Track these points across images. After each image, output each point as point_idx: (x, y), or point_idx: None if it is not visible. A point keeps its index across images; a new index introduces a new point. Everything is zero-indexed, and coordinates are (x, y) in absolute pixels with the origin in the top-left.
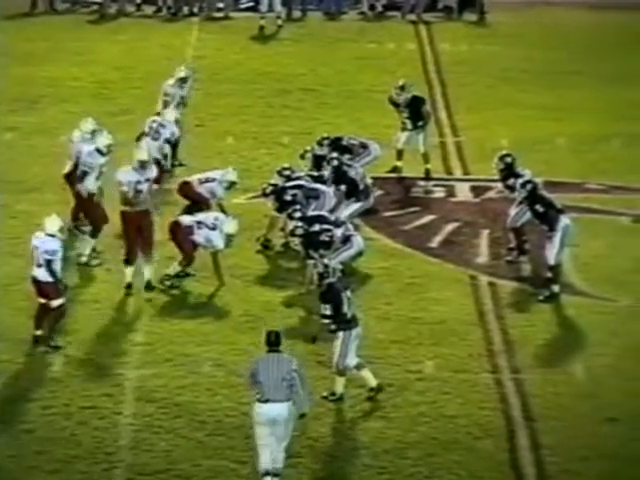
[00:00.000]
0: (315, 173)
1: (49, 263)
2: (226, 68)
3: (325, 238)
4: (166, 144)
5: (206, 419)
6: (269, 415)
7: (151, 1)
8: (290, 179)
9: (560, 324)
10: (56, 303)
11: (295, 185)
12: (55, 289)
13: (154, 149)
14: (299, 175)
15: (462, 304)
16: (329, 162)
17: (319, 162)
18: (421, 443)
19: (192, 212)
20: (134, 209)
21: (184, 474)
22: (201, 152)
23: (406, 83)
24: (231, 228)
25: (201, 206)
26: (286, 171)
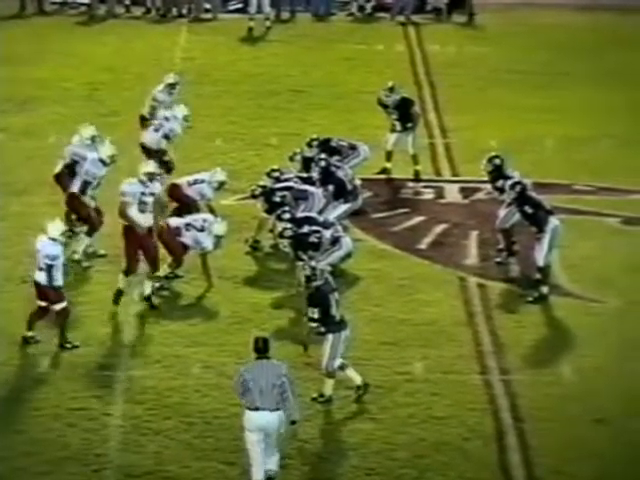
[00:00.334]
0: (304, 175)
1: (50, 268)
2: (215, 69)
3: (314, 239)
4: (164, 139)
5: (195, 420)
6: (259, 423)
7: (140, 3)
8: (279, 181)
9: (549, 325)
10: (59, 307)
11: (284, 187)
12: (56, 293)
13: (153, 141)
14: (288, 177)
15: (451, 305)
16: (317, 163)
17: (308, 164)
18: (410, 444)
19: (181, 214)
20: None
21: (173, 475)
22: (190, 153)
23: (395, 85)
24: (220, 229)
25: (190, 208)
26: (275, 173)
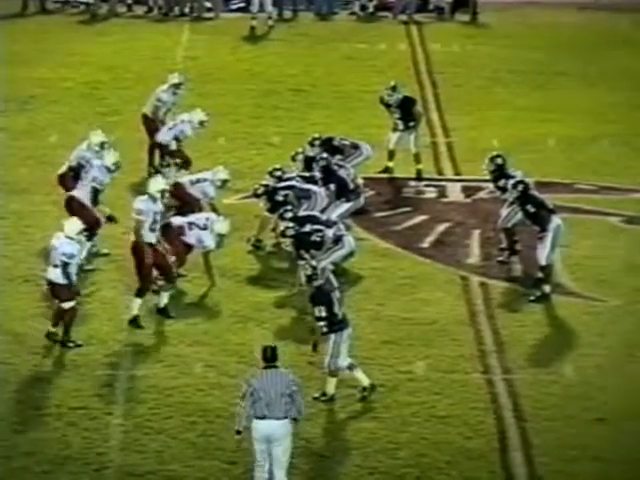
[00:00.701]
0: (306, 174)
1: (65, 266)
2: (217, 68)
3: (316, 238)
4: (173, 140)
5: (197, 420)
6: (265, 432)
7: (142, 1)
8: (281, 180)
9: (551, 324)
10: (68, 305)
11: (287, 186)
12: (67, 291)
13: (164, 140)
14: (290, 176)
15: (453, 304)
16: (317, 162)
17: (310, 163)
18: (412, 443)
19: (184, 213)
20: (152, 241)
21: (175, 475)
22: (192, 153)
23: (397, 83)
24: (222, 228)
25: (192, 207)
26: (277, 172)
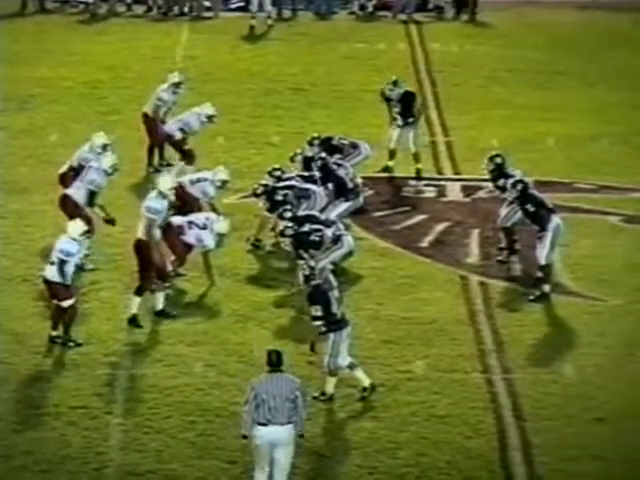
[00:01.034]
0: (306, 173)
1: (62, 263)
2: (216, 68)
3: (315, 238)
4: (179, 131)
5: (197, 419)
6: (269, 437)
7: (141, 1)
8: (281, 179)
9: (550, 324)
10: (67, 304)
11: (286, 185)
12: (65, 290)
13: (171, 130)
14: (290, 175)
15: (453, 304)
16: (316, 162)
17: (309, 163)
18: (412, 443)
19: (183, 213)
20: (151, 240)
21: (175, 474)
22: None
23: (398, 79)
24: (222, 228)
25: (192, 206)
26: (277, 172)
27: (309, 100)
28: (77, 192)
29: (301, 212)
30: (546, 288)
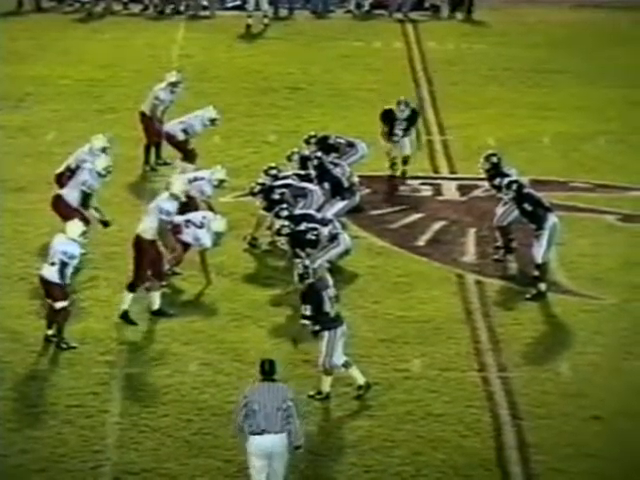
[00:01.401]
0: (302, 172)
1: (63, 265)
2: (212, 66)
3: (312, 237)
4: (182, 132)
5: (193, 418)
6: (264, 447)
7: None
8: (277, 178)
9: (547, 322)
10: (60, 305)
11: (283, 184)
12: (61, 291)
13: (172, 130)
14: (287, 174)
15: (449, 303)
16: (312, 161)
17: (306, 162)
18: (408, 441)
19: (181, 212)
20: (155, 238)
21: (171, 473)
22: None
23: (406, 99)
24: (219, 226)
25: (189, 205)
26: (273, 170)
27: (305, 99)
28: (70, 193)
29: (298, 211)
30: (542, 287)
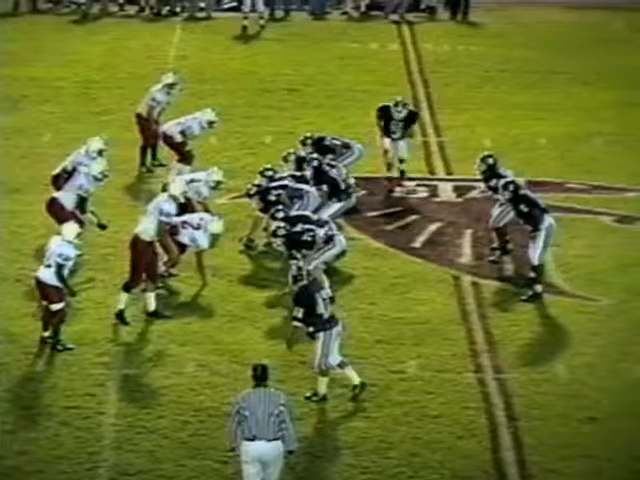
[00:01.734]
0: (298, 173)
1: (60, 267)
2: (209, 68)
3: (307, 238)
4: (179, 134)
5: (189, 419)
6: (257, 454)
7: (134, 1)
8: (273, 180)
9: (543, 323)
10: (56, 307)
11: (279, 185)
12: (57, 293)
13: (170, 131)
14: (283, 175)
15: (445, 304)
16: (309, 163)
17: (301, 163)
18: (404, 443)
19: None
20: (153, 239)
21: (167, 474)
22: None
23: (403, 99)
24: (216, 228)
25: (186, 207)
26: (268, 172)
27: (302, 100)
28: (65, 196)
29: (294, 212)
30: (538, 288)
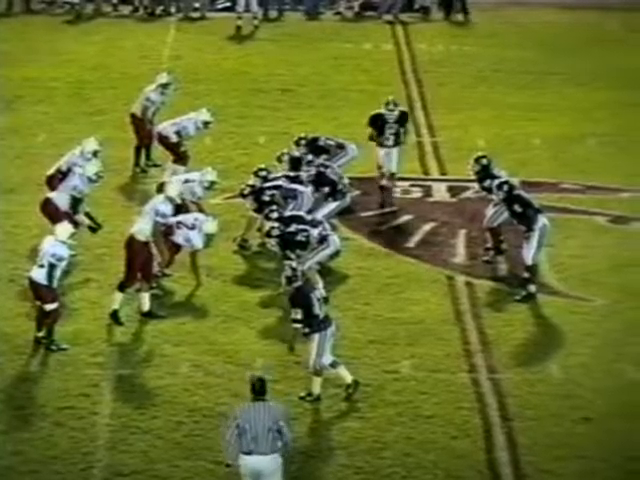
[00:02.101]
0: (292, 174)
1: (52, 267)
2: (202, 68)
3: (301, 238)
4: (175, 134)
5: (183, 420)
6: (252, 467)
7: (128, 1)
8: (266, 180)
9: (536, 324)
10: (50, 307)
11: (273, 186)
12: (50, 293)
13: (165, 131)
14: (277, 176)
15: (439, 304)
16: (308, 165)
17: (295, 163)
18: (398, 443)
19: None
20: (149, 239)
21: (161, 474)
22: None
23: (394, 99)
24: (211, 228)
25: (180, 207)
26: (262, 172)
27: (295, 100)
28: (59, 197)
29: (288, 212)
30: (532, 288)
